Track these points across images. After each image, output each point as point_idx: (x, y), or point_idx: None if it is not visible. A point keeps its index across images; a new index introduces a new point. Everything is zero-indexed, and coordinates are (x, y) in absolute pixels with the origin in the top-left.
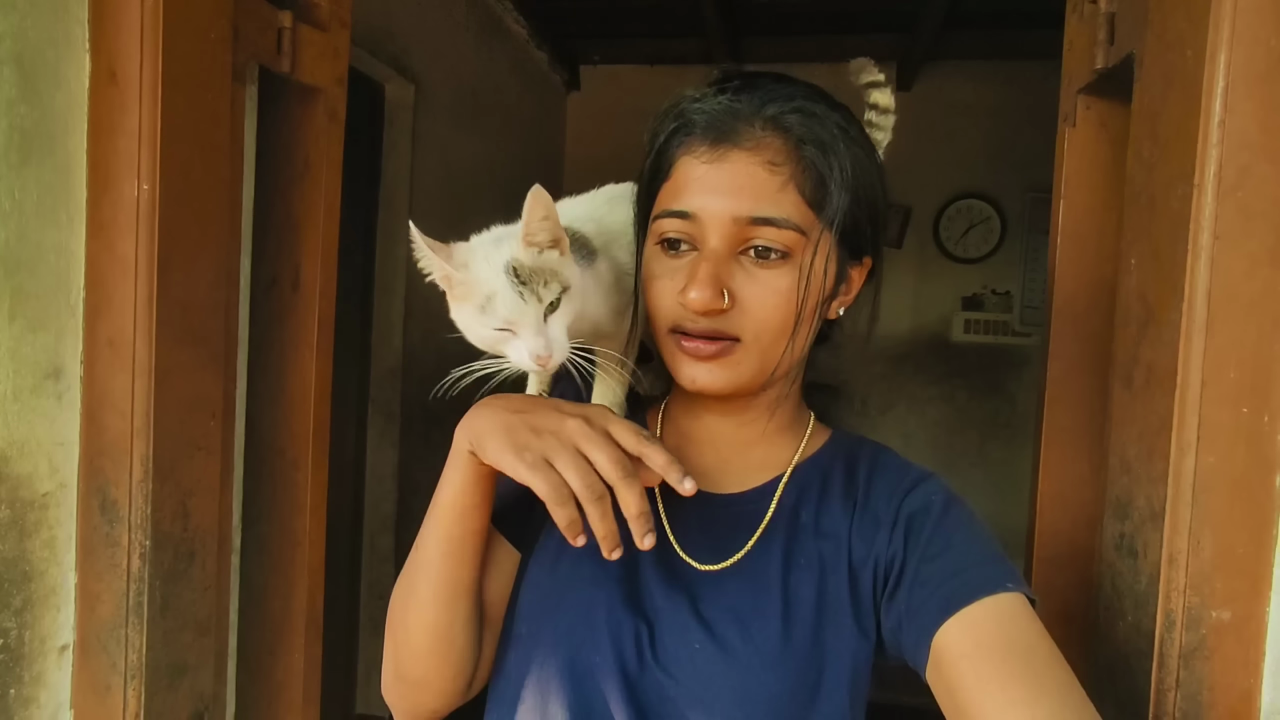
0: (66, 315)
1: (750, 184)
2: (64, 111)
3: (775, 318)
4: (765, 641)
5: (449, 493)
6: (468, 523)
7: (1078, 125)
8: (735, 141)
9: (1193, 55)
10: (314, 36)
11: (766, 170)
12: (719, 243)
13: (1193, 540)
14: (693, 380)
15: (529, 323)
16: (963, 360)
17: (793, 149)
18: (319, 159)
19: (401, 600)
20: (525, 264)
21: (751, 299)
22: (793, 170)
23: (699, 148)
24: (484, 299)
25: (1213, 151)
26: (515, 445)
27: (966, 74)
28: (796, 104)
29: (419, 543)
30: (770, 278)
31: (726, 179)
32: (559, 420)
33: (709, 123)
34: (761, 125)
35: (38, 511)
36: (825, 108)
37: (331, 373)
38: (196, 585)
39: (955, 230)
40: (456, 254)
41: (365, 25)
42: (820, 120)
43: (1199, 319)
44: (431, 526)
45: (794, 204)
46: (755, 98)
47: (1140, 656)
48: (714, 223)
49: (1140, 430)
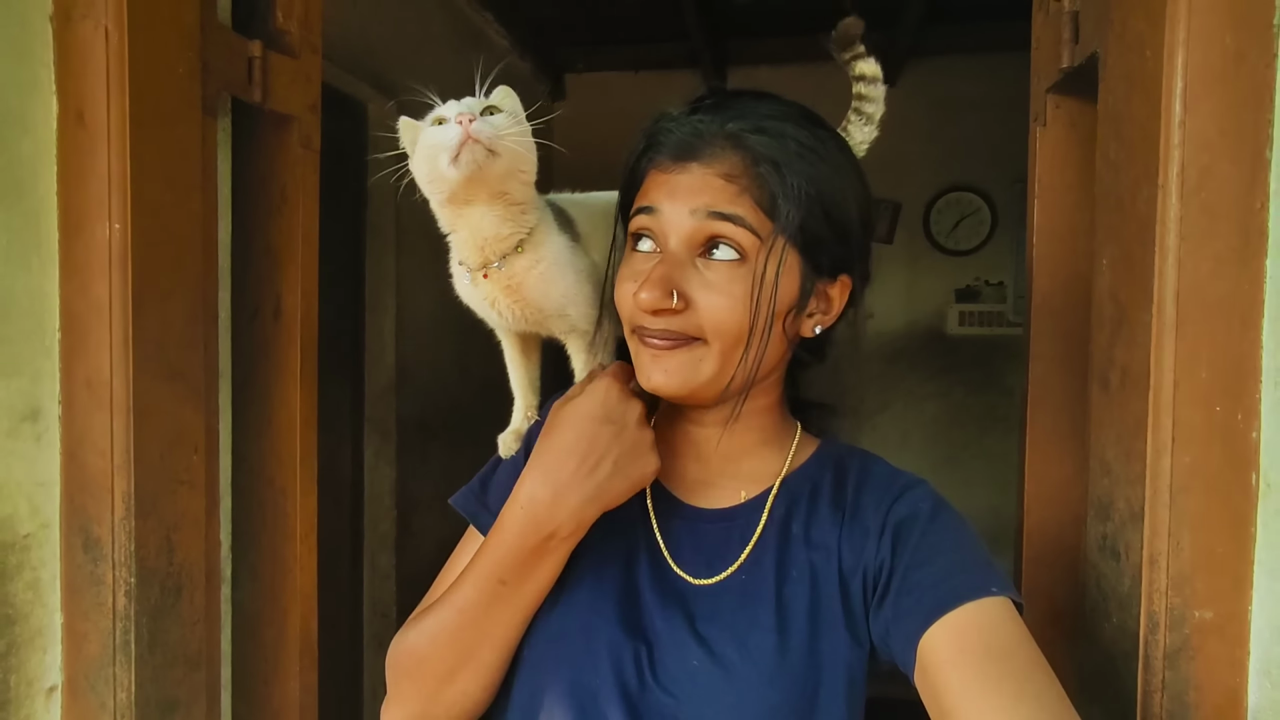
0: (42, 357)
1: (706, 188)
2: (31, 156)
3: (729, 320)
4: (762, 655)
5: (548, 577)
6: (551, 582)
7: (1048, 125)
8: (695, 156)
9: (1152, 55)
10: (285, 64)
11: (722, 180)
12: (677, 244)
13: (1172, 541)
14: (648, 379)
15: (464, 109)
16: (959, 354)
17: (749, 165)
18: (295, 187)
19: (451, 657)
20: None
21: (704, 300)
22: (747, 183)
23: (664, 162)
24: (435, 118)
25: (1175, 153)
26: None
27: (950, 68)
28: (758, 122)
29: (481, 611)
30: (723, 280)
31: (684, 184)
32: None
33: (676, 142)
34: (721, 142)
35: (19, 553)
36: (791, 126)
37: (317, 400)
38: (185, 620)
39: (946, 223)
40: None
41: (344, 45)
42: (780, 139)
43: (1169, 319)
44: (515, 604)
45: (749, 209)
46: (720, 116)
47: (1126, 658)
48: (673, 218)
49: (1118, 432)
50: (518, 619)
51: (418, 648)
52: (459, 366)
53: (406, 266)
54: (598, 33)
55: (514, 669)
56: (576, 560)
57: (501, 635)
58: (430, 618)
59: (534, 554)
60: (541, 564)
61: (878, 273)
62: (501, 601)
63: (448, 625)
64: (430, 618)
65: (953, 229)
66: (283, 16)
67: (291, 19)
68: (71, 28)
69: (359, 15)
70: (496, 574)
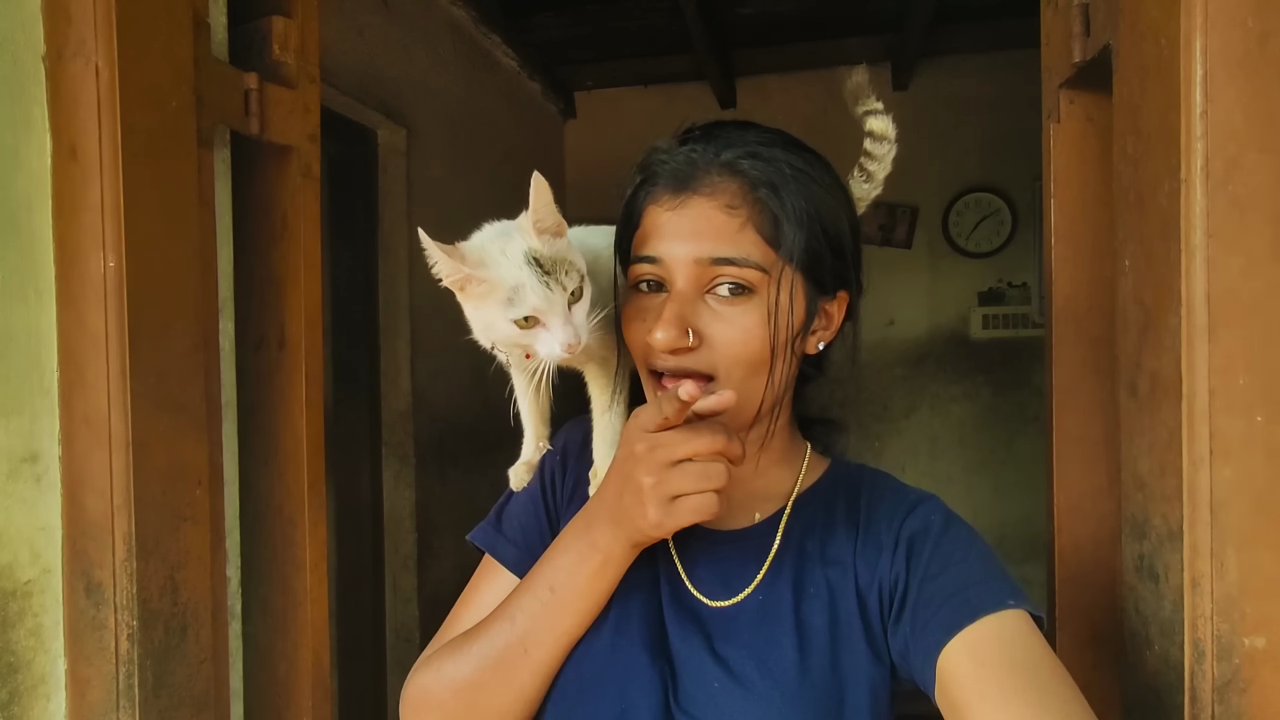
0: (40, 396)
1: (709, 227)
2: (26, 192)
3: (745, 353)
4: (783, 675)
5: (596, 599)
6: (593, 615)
7: (1062, 121)
8: (694, 188)
9: (1167, 43)
10: (282, 95)
11: (724, 213)
12: (684, 284)
13: (1215, 562)
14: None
15: (557, 311)
16: (984, 356)
17: (749, 191)
18: (296, 216)
19: (492, 688)
20: (544, 253)
21: (719, 335)
22: (749, 212)
23: (663, 196)
24: (510, 292)
25: (1197, 144)
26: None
27: (962, 67)
28: (750, 149)
29: (522, 639)
30: (736, 315)
31: (687, 223)
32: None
33: (671, 173)
34: (718, 171)
35: (20, 600)
36: (781, 151)
37: (323, 428)
38: (191, 660)
39: (965, 225)
40: (468, 254)
41: (352, 72)
42: (773, 163)
43: (1199, 323)
44: (558, 627)
45: (753, 243)
46: (712, 146)
47: (1171, 690)
48: (678, 265)
49: (1150, 443)
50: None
51: (433, 692)
52: (475, 387)
53: (419, 290)
54: (605, 50)
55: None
56: None
57: (546, 660)
58: (449, 663)
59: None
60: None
61: (898, 278)
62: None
63: (478, 666)
64: (449, 663)
65: (972, 231)
66: (279, 48)
67: (288, 50)
68: (63, 66)
69: (366, 44)
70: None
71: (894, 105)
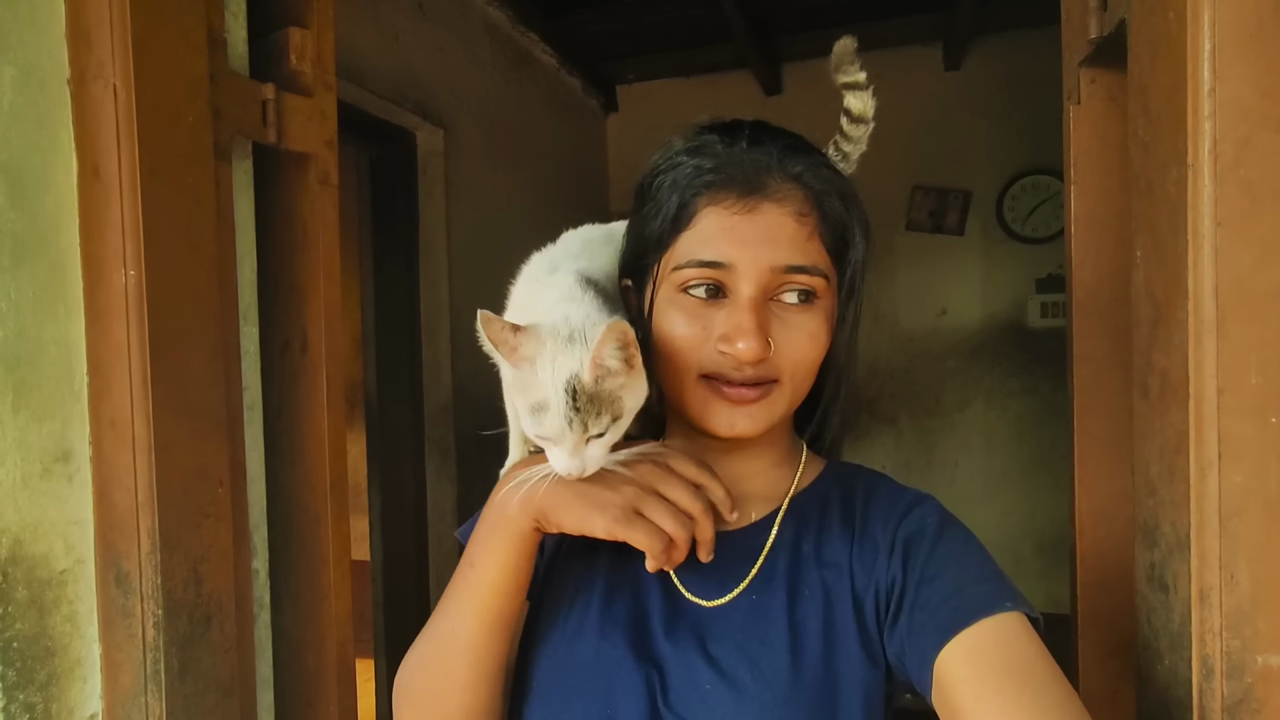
0: (71, 401)
1: (782, 234)
2: (55, 211)
3: (808, 359)
4: (775, 676)
5: (498, 573)
6: (516, 601)
7: (1083, 101)
8: (764, 193)
9: (1175, 17)
10: (299, 104)
11: (796, 221)
12: (755, 290)
13: (1225, 573)
14: (731, 426)
15: (567, 445)
16: (1043, 347)
17: (815, 201)
18: (315, 223)
19: (435, 681)
20: (586, 388)
21: (787, 342)
22: (816, 221)
23: (726, 198)
24: (536, 403)
25: (1205, 125)
26: (599, 505)
27: (1017, 44)
28: (812, 158)
29: (453, 624)
30: (804, 321)
31: (760, 230)
32: (626, 469)
33: (736, 174)
34: (784, 178)
35: (56, 589)
36: (820, 156)
37: (345, 428)
38: (216, 648)
39: (1021, 209)
40: (524, 344)
41: (390, 76)
42: (835, 175)
43: (1208, 318)
44: (475, 607)
45: (819, 251)
46: (772, 150)
47: (1180, 707)
48: (751, 271)
49: (1160, 446)
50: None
51: (407, 682)
52: None
53: (459, 288)
54: (644, 42)
55: (523, 700)
56: (586, 588)
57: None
58: (413, 649)
59: (499, 547)
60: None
61: (950, 266)
62: (472, 602)
63: (425, 652)
64: (413, 649)
65: (1029, 215)
66: (296, 58)
67: (305, 60)
68: (86, 88)
69: (403, 48)
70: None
71: (946, 87)
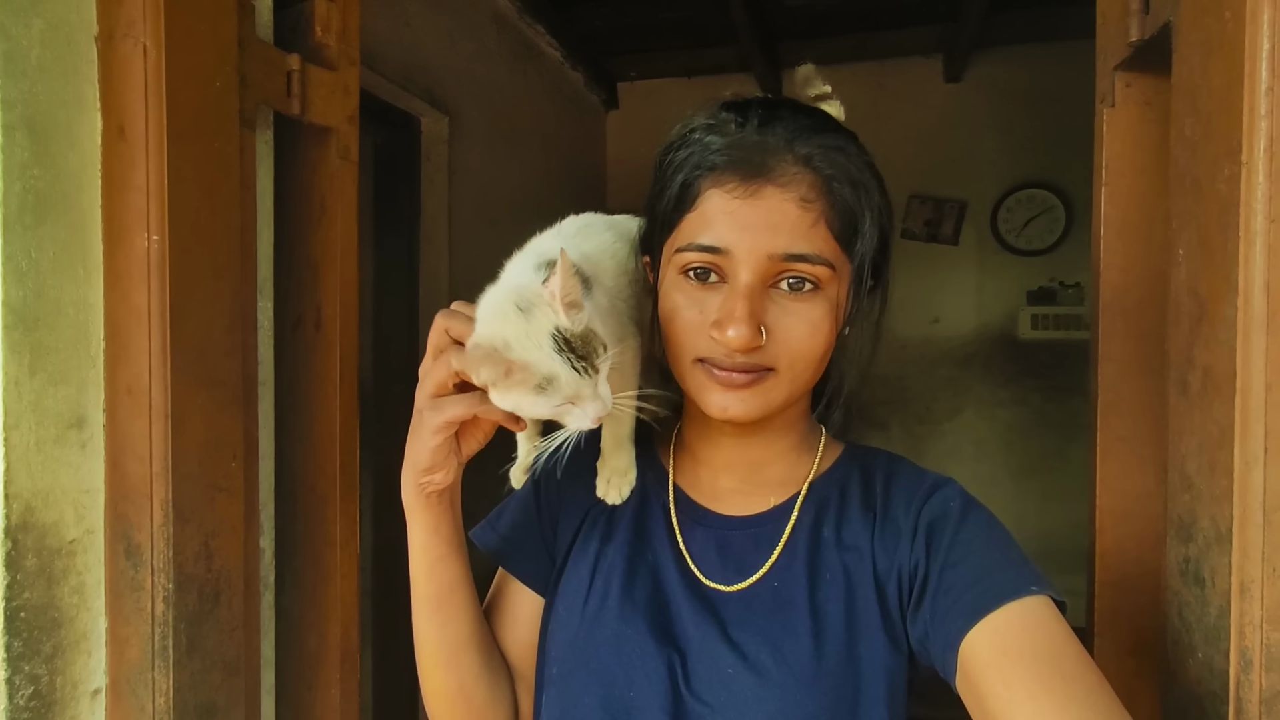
0: (88, 366)
1: (784, 221)
2: (78, 170)
3: (808, 348)
4: (798, 661)
5: (413, 553)
6: (441, 577)
7: (1117, 105)
8: (768, 177)
9: (1232, 17)
10: (323, 77)
11: (799, 207)
12: (752, 277)
13: (1268, 566)
14: (724, 409)
15: (588, 393)
16: (1033, 359)
17: (823, 186)
18: (334, 199)
19: (417, 664)
20: (575, 334)
21: (785, 330)
22: (823, 207)
23: (729, 181)
24: (542, 380)
25: (1261, 124)
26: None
27: (1018, 58)
28: (826, 139)
29: (415, 623)
30: (803, 310)
31: (761, 215)
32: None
33: (741, 157)
34: (791, 161)
35: (65, 559)
36: (855, 148)
37: (357, 408)
38: (223, 625)
39: (1016, 222)
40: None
41: (397, 60)
42: (850, 158)
43: (1258, 314)
44: (413, 592)
45: (824, 239)
46: (782, 131)
47: (1214, 699)
48: (749, 258)
49: (1200, 441)
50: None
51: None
52: None
53: (460, 273)
54: (649, 40)
55: (544, 685)
56: (605, 574)
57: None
58: None
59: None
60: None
61: (944, 275)
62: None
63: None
64: None
65: (1024, 228)
66: (321, 30)
67: (330, 32)
68: (114, 46)
69: (412, 32)
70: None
71: (946, 98)
